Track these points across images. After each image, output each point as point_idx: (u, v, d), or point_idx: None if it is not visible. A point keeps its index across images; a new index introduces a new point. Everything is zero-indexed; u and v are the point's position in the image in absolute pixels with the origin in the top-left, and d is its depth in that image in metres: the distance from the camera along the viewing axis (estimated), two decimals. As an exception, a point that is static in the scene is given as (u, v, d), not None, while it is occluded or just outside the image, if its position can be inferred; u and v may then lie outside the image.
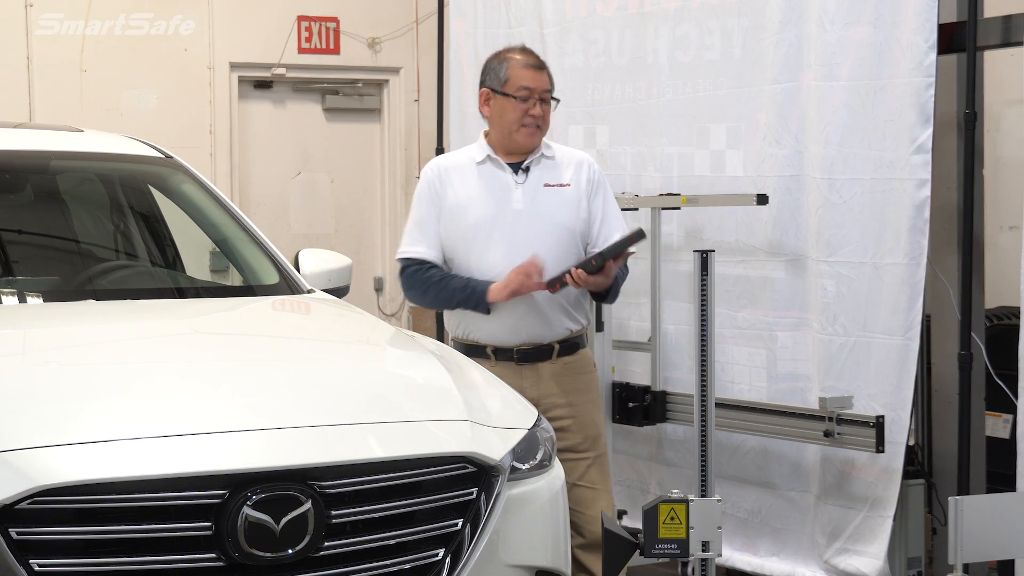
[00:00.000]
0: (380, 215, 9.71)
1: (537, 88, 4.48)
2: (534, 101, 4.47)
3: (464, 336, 4.58)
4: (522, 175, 4.52)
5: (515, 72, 4.51)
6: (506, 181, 4.51)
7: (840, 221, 5.18)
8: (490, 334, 4.50)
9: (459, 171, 4.55)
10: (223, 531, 3.03)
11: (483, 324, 4.48)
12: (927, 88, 4.91)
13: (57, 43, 8.66)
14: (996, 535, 3.74)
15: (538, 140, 4.52)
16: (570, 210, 4.51)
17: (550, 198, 4.50)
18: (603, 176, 4.63)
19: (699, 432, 3.34)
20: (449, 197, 4.51)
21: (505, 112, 4.50)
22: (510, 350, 4.50)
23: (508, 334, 4.48)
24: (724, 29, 5.58)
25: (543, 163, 4.55)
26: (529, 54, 4.61)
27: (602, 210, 4.56)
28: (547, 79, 4.54)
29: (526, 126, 4.47)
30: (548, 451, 3.69)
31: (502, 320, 4.46)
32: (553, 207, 4.50)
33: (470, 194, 4.50)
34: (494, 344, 4.50)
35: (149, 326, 4.15)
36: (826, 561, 5.31)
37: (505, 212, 4.47)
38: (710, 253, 3.35)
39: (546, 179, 4.52)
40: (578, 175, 4.55)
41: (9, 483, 2.93)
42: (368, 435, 3.33)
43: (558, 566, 3.62)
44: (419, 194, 4.60)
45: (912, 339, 5.00)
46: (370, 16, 9.47)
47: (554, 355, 4.53)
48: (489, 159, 4.53)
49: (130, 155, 4.99)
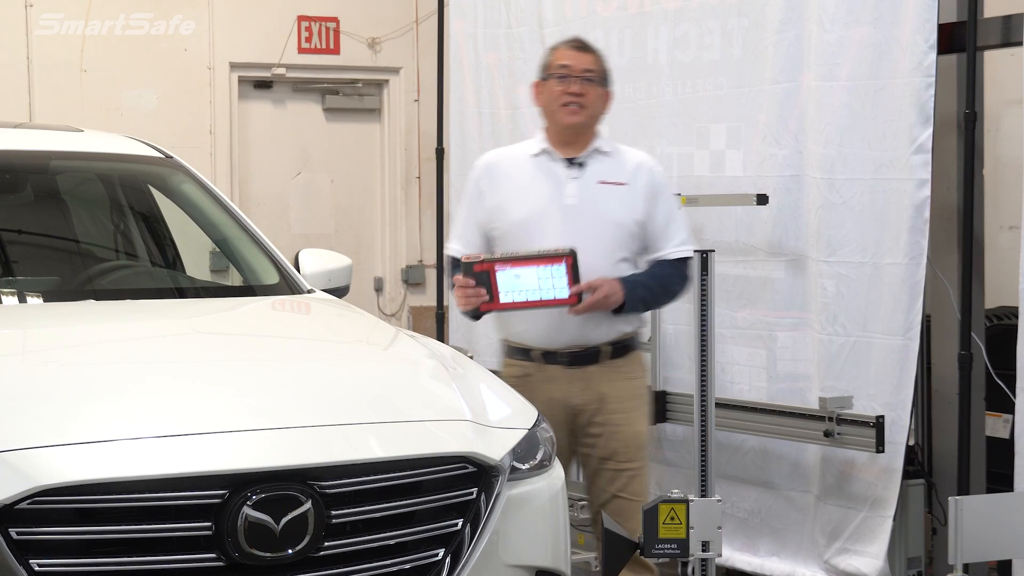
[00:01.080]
0: (380, 215, 9.71)
1: (575, 66, 4.32)
2: (573, 79, 4.31)
3: (510, 337, 4.45)
4: (576, 170, 4.35)
5: (554, 55, 4.40)
6: (559, 174, 4.35)
7: (840, 221, 5.18)
8: (535, 335, 4.34)
9: (510, 164, 4.42)
10: (223, 531, 3.03)
11: (528, 324, 4.33)
12: (927, 88, 4.91)
13: (57, 43, 8.66)
14: (996, 535, 3.74)
15: (581, 119, 4.32)
16: (624, 209, 4.32)
17: (604, 195, 4.32)
18: (664, 179, 4.47)
19: (699, 432, 3.34)
20: (496, 192, 4.36)
21: (547, 94, 4.37)
22: (557, 353, 4.33)
23: (553, 334, 4.30)
24: (724, 29, 5.58)
25: (599, 159, 4.37)
26: (575, 39, 4.48)
27: (662, 215, 4.37)
28: (590, 60, 4.36)
29: (565, 105, 4.30)
30: (548, 451, 3.69)
31: (547, 319, 4.28)
32: (607, 204, 4.31)
33: (520, 187, 4.35)
34: (541, 347, 4.34)
35: (149, 326, 4.15)
36: (826, 561, 5.31)
37: (556, 206, 4.30)
38: (710, 253, 3.35)
39: (601, 176, 4.35)
40: (636, 176, 4.37)
41: (9, 483, 2.93)
42: (368, 435, 3.34)
43: (558, 566, 3.62)
44: (466, 191, 4.50)
45: (912, 339, 5.00)
46: (370, 16, 9.47)
47: (604, 357, 4.35)
48: (544, 152, 4.38)
49: (130, 155, 4.99)
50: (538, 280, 4.11)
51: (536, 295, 4.12)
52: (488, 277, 4.11)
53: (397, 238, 9.65)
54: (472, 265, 4.12)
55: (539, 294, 4.11)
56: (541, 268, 4.09)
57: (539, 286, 4.11)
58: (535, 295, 4.11)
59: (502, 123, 6.74)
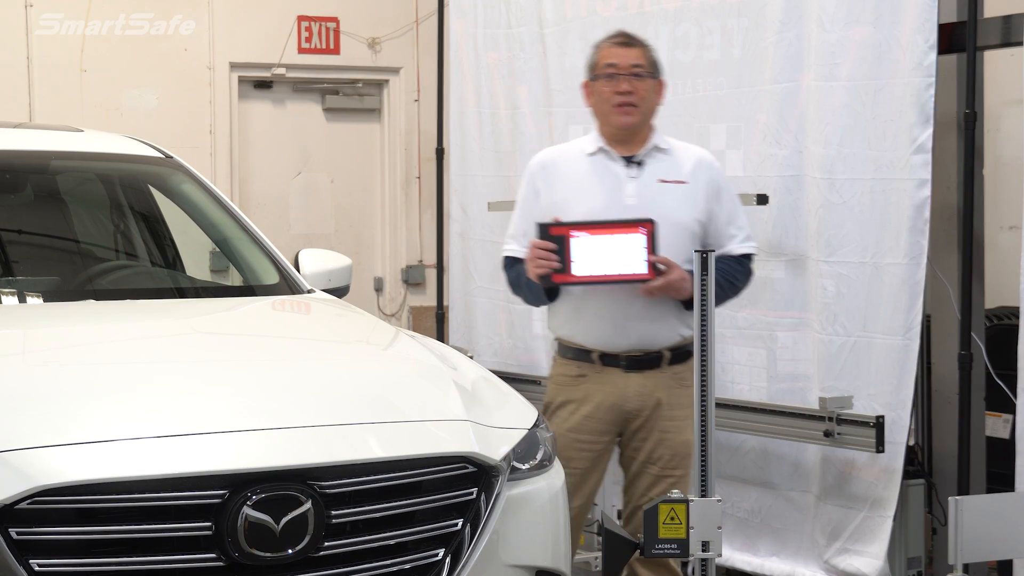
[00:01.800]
0: (380, 215, 9.71)
1: (623, 64, 4.19)
2: (622, 78, 4.18)
3: (569, 337, 4.31)
4: (635, 169, 4.22)
5: (600, 53, 4.26)
6: (617, 174, 4.22)
7: (840, 221, 5.18)
8: (597, 336, 4.21)
9: (566, 164, 4.28)
10: (223, 531, 3.03)
11: (589, 324, 4.21)
12: (927, 88, 4.91)
13: (57, 43, 8.65)
14: (996, 535, 3.74)
15: (635, 119, 4.21)
16: (687, 209, 4.19)
17: (666, 195, 4.19)
18: (723, 175, 4.36)
19: (699, 432, 3.34)
20: (552, 192, 4.24)
21: (597, 96, 4.25)
22: (617, 356, 4.21)
23: (616, 335, 4.18)
24: (724, 29, 5.58)
25: (658, 157, 4.26)
26: (619, 33, 4.35)
27: (725, 213, 4.26)
28: (638, 55, 4.23)
29: (618, 106, 4.17)
30: (548, 451, 3.69)
31: (611, 318, 4.16)
32: (668, 204, 4.16)
33: (577, 187, 4.22)
34: (600, 348, 4.22)
35: (149, 326, 4.15)
36: (826, 561, 5.31)
37: (616, 207, 4.15)
38: (710, 253, 3.35)
39: (661, 174, 4.22)
40: (697, 173, 4.25)
41: (9, 483, 2.93)
42: (368, 435, 3.34)
43: (558, 566, 3.62)
44: (521, 190, 4.38)
45: (912, 339, 5.00)
46: (370, 16, 9.46)
47: (664, 363, 4.24)
48: (601, 151, 4.25)
49: (130, 155, 4.99)
50: (614, 250, 3.99)
51: (611, 268, 4.00)
52: (563, 243, 4.01)
53: (397, 238, 9.65)
54: (548, 227, 4.03)
55: (614, 267, 3.99)
56: (618, 237, 3.99)
57: (615, 257, 3.99)
58: (610, 268, 4.00)
59: (502, 123, 6.74)
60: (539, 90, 6.51)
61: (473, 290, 6.95)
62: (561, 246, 4.02)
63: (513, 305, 6.64)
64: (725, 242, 4.26)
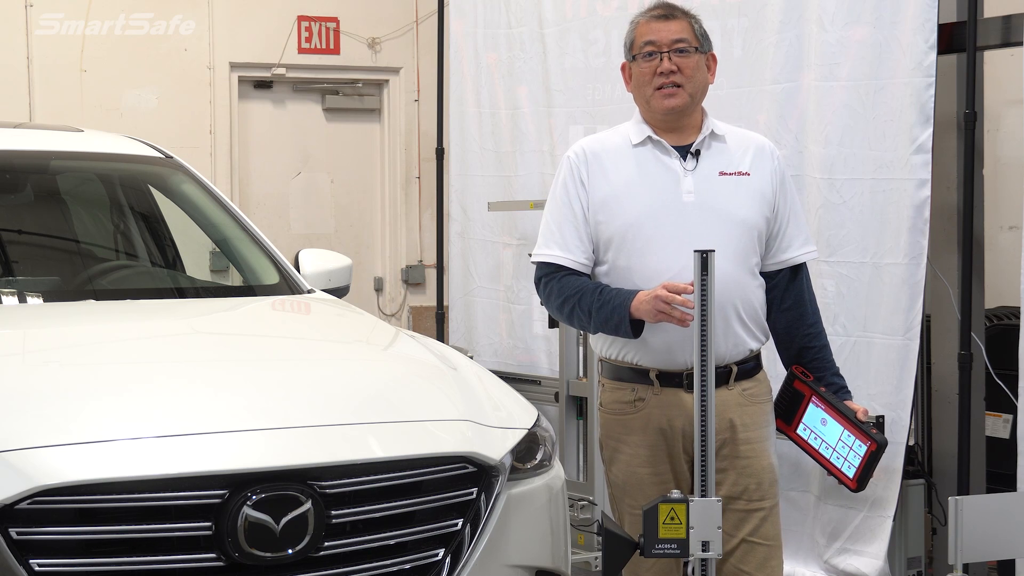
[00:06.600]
0: (380, 215, 9.71)
1: (663, 40, 3.66)
2: (663, 55, 3.66)
3: (619, 357, 3.72)
4: (691, 160, 3.68)
5: (638, 30, 3.73)
6: (672, 167, 3.68)
7: (840, 221, 5.18)
8: (653, 354, 3.65)
9: (612, 155, 3.72)
10: (223, 531, 3.03)
11: (645, 341, 3.63)
12: (927, 88, 4.91)
13: (57, 43, 8.66)
14: (996, 535, 3.74)
15: (681, 101, 3.65)
16: (753, 204, 3.68)
17: (728, 189, 3.67)
18: (785, 164, 3.83)
19: (699, 432, 3.33)
20: (598, 187, 3.69)
21: (637, 77, 3.72)
22: (678, 375, 3.65)
23: (674, 354, 3.62)
24: (724, 29, 5.58)
25: (715, 146, 3.72)
26: (658, 4, 3.81)
27: (787, 208, 3.77)
28: (680, 28, 3.70)
29: (660, 88, 3.65)
30: (548, 451, 3.69)
31: (666, 334, 3.61)
32: (732, 200, 3.67)
33: (627, 181, 3.68)
34: (658, 367, 3.66)
35: (149, 326, 4.15)
36: (826, 561, 5.31)
37: (673, 204, 3.64)
38: (710, 253, 3.34)
39: (721, 166, 3.69)
40: (760, 163, 3.72)
41: (9, 483, 2.93)
42: (368, 435, 3.34)
43: (558, 566, 3.62)
44: (559, 183, 3.75)
45: (912, 339, 5.00)
46: (370, 16, 9.47)
47: (731, 379, 3.70)
48: (650, 140, 3.70)
49: (130, 155, 4.99)
50: (838, 440, 3.73)
51: (827, 451, 3.79)
52: (800, 400, 3.78)
53: (397, 238, 9.66)
54: (795, 377, 3.78)
55: (831, 452, 3.78)
56: (847, 433, 3.71)
57: (835, 445, 3.74)
58: (826, 451, 3.79)
59: (502, 123, 6.75)
60: (539, 90, 6.51)
61: (473, 290, 6.95)
62: (797, 401, 3.80)
63: (513, 305, 6.64)
64: (785, 244, 3.78)
